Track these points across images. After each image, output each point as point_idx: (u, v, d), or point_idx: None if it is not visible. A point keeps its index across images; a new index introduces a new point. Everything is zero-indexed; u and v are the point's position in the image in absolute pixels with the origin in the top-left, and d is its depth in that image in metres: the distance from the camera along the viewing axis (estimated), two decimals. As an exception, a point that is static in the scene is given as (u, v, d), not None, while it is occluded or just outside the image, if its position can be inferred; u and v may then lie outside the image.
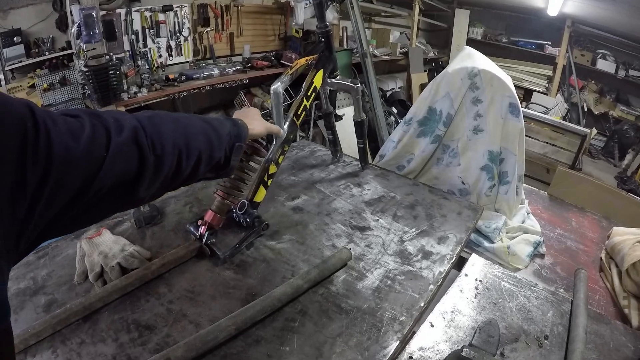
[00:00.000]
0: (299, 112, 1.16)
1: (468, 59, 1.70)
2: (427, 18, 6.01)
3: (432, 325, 0.95)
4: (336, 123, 1.61)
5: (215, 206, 1.06)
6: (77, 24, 2.79)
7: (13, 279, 1.02)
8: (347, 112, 4.07)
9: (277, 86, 1.10)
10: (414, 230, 1.23)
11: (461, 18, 6.17)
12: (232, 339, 0.83)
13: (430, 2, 5.64)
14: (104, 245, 1.12)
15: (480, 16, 6.35)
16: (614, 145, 5.34)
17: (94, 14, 2.79)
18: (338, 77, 1.39)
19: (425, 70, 5.78)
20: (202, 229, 1.07)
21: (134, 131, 0.54)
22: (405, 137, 1.77)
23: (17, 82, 3.00)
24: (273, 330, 0.85)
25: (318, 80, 1.21)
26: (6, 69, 2.91)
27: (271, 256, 1.09)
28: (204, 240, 1.07)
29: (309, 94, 1.17)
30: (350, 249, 1.10)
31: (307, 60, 1.20)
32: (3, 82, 2.93)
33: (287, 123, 1.14)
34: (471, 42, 6.17)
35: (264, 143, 1.08)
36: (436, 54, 6.30)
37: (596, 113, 5.64)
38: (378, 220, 1.27)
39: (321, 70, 1.21)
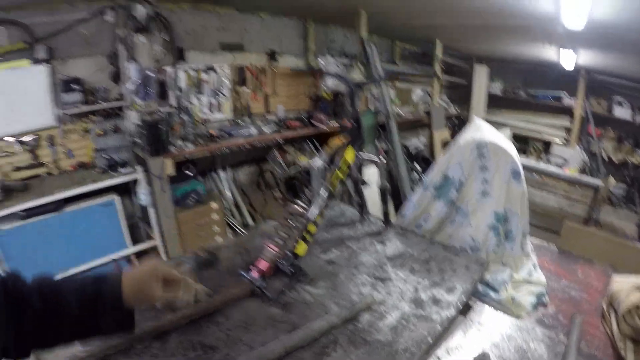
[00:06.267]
0: (334, 183, 1.46)
1: (477, 131, 1.98)
2: (448, 75, 6.33)
3: (438, 359, 1.18)
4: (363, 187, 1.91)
5: (266, 256, 1.35)
6: (134, 81, 3.13)
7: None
8: (372, 171, 4.32)
9: (318, 162, 1.41)
10: (427, 281, 1.48)
11: (481, 74, 6.49)
12: (280, 359, 1.07)
13: (450, 60, 5.98)
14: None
15: (498, 71, 6.67)
16: (634, 192, 5.37)
17: (149, 73, 3.14)
18: (365, 150, 1.71)
19: (446, 126, 6.02)
20: (254, 274, 1.35)
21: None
22: (423, 200, 2.03)
23: (73, 125, 3.42)
24: (312, 355, 1.10)
25: (351, 156, 1.52)
26: (64, 113, 3.30)
27: (310, 299, 1.35)
28: (256, 284, 1.34)
29: (343, 168, 1.49)
30: (373, 295, 1.36)
31: (341, 141, 1.52)
32: (60, 125, 3.32)
33: (325, 191, 1.45)
34: (491, 97, 6.44)
35: (307, 207, 1.38)
36: (457, 110, 6.56)
37: (616, 161, 5.72)
38: (397, 273, 1.52)
39: (353, 149, 1.53)
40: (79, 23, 3.34)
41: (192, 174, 3.63)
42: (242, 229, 4.06)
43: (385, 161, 1.73)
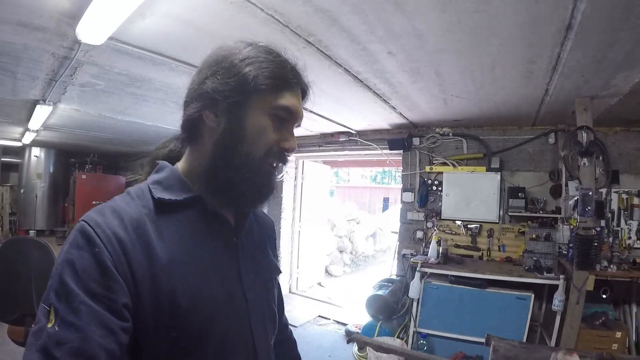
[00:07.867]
0: None
1: None
2: None
3: None
4: None
5: None
6: (575, 199, 3.37)
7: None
8: None
9: None
10: None
11: None
12: None
13: None
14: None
15: None
16: None
17: (589, 193, 3.25)
18: None
19: None
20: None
21: None
22: None
23: (511, 226, 4.14)
24: None
25: None
26: (506, 214, 4.14)
27: None
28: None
29: None
30: None
31: None
32: (500, 223, 4.17)
33: None
34: None
35: None
36: None
37: None
38: None
39: None
40: (525, 142, 4.18)
41: (605, 297, 3.46)
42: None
43: None
